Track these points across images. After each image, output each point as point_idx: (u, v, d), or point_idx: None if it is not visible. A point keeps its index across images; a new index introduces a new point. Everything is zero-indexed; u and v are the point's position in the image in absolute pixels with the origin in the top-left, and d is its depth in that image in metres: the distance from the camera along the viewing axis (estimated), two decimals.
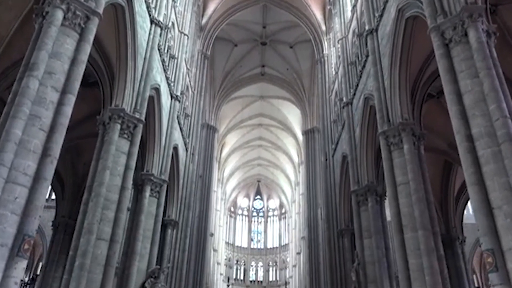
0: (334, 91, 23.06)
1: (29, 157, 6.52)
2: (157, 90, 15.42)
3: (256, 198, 57.88)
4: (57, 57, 7.43)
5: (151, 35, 14.17)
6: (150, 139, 15.77)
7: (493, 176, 6.68)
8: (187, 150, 21.57)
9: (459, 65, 7.60)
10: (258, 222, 56.88)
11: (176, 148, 18.95)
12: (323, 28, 27.13)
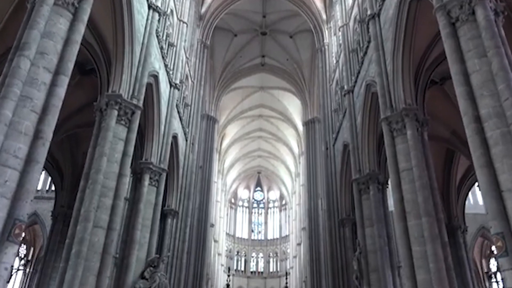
0: (334, 80, 22.85)
1: (20, 139, 6.28)
2: (156, 77, 15.17)
3: (256, 189, 57.86)
4: (49, 37, 7.16)
5: (149, 21, 13.88)
6: (149, 127, 15.55)
7: (502, 158, 6.43)
8: (186, 139, 21.36)
9: (466, 44, 7.33)
10: (258, 213, 56.92)
11: (175, 137, 18.75)
12: (324, 16, 26.82)
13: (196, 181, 24.76)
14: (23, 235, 30.11)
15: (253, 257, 52.43)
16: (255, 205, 57.34)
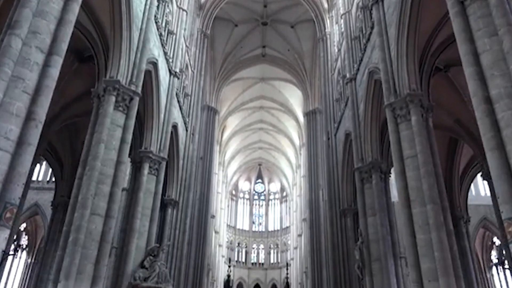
0: (336, 69, 22.57)
1: (12, 120, 6.03)
2: (155, 64, 14.91)
3: (257, 181, 57.81)
4: (42, 16, 6.87)
5: (147, 6, 13.57)
6: (148, 116, 15.32)
7: None
8: (187, 129, 21.13)
9: (476, 23, 7.04)
10: (259, 205, 56.92)
11: (175, 126, 18.52)
12: (325, 5, 26.49)
13: (196, 172, 24.57)
14: (25, 225, 30.27)
15: (254, 248, 52.55)
16: (256, 197, 57.32)
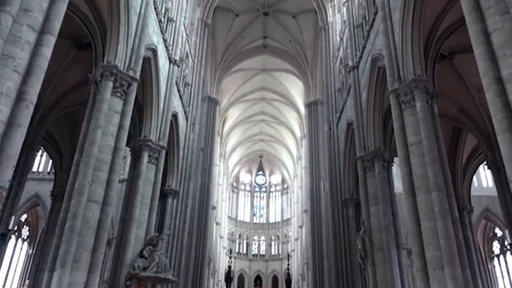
0: (338, 59, 22.29)
1: (1, 100, 5.76)
2: (154, 51, 14.64)
3: (258, 173, 57.69)
4: None
5: None
6: (147, 104, 15.08)
7: None
8: (187, 119, 20.88)
9: (486, 1, 6.74)
10: (260, 197, 56.86)
11: (175, 116, 18.28)
12: None
13: (197, 163, 24.37)
14: (25, 216, 30.15)
15: (255, 240, 52.57)
16: (257, 189, 57.26)
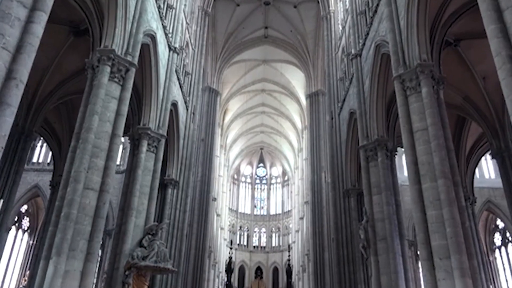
0: (340, 48, 21.96)
1: None
2: (153, 38, 14.33)
3: (259, 165, 57.55)
4: None
5: None
6: (146, 91, 14.81)
7: None
8: (187, 109, 20.61)
9: None
10: (261, 189, 56.78)
11: (175, 105, 18.01)
12: None
13: (197, 153, 24.17)
14: (26, 207, 29.99)
15: (255, 232, 52.59)
16: (257, 181, 57.16)
